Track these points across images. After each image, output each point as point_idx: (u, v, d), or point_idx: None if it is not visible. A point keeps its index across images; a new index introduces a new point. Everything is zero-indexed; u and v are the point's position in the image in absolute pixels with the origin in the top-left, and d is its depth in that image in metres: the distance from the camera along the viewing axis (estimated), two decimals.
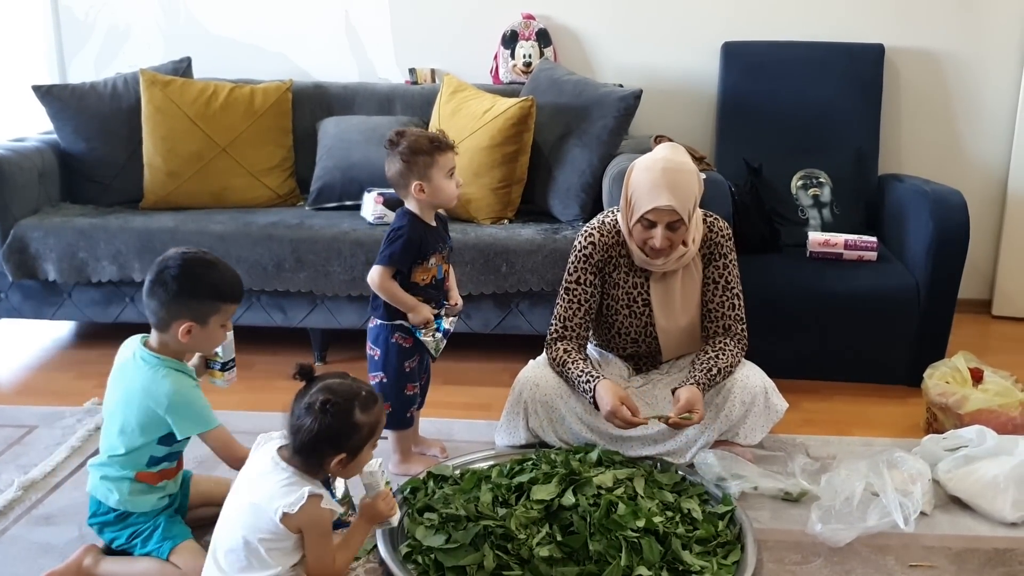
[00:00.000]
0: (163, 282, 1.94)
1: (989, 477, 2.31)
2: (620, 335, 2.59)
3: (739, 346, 2.50)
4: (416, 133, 2.34)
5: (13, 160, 3.29)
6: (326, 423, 1.72)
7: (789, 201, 3.51)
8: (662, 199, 2.31)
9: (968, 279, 3.30)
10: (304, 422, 1.73)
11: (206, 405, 2.00)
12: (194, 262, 1.97)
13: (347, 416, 1.75)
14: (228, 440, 2.02)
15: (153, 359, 1.98)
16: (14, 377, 3.26)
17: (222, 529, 1.79)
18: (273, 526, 1.72)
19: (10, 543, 2.14)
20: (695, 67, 3.86)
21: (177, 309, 1.94)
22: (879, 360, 3.14)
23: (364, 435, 1.78)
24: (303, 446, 1.75)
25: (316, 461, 1.77)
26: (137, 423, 1.97)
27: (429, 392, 2.58)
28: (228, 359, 2.15)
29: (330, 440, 1.74)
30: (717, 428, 2.47)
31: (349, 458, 1.77)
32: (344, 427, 1.75)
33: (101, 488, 2.02)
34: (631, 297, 2.53)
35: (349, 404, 1.76)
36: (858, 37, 3.74)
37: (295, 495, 1.72)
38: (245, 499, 1.78)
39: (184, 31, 4.00)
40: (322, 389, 1.76)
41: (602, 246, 2.50)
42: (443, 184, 2.32)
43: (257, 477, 1.79)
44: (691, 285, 2.52)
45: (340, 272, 3.13)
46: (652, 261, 2.44)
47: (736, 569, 2.00)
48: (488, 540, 1.98)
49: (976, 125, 3.85)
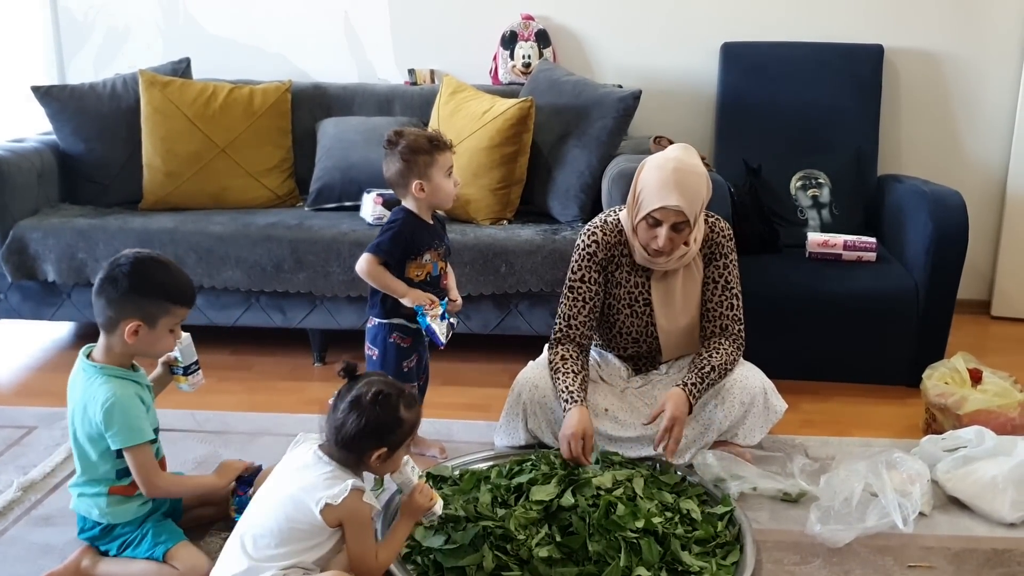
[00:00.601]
0: (113, 279, 1.92)
1: (988, 478, 2.31)
2: (621, 335, 2.59)
3: (735, 346, 2.50)
4: (415, 133, 2.35)
5: (12, 161, 3.29)
6: (374, 415, 1.77)
7: (788, 202, 3.51)
8: (671, 199, 2.30)
9: (967, 280, 3.29)
10: (351, 415, 1.78)
11: (140, 417, 1.95)
12: (146, 261, 1.96)
13: (394, 410, 1.80)
14: (149, 463, 1.97)
15: (92, 368, 1.96)
16: (13, 378, 3.26)
17: (255, 516, 1.81)
18: (312, 517, 1.75)
19: (9, 544, 2.14)
20: (694, 68, 3.86)
21: (126, 307, 1.93)
22: (878, 361, 3.14)
23: (405, 431, 1.83)
24: (348, 438, 1.78)
25: (357, 456, 1.81)
26: (86, 437, 1.96)
27: (429, 393, 2.58)
28: (189, 363, 2.13)
29: (375, 433, 1.78)
30: (716, 429, 2.47)
31: (388, 453, 1.81)
32: (390, 421, 1.80)
33: (82, 505, 2.02)
34: (632, 296, 2.53)
35: (396, 399, 1.81)
36: (857, 38, 3.74)
37: (338, 487, 1.75)
38: (284, 490, 1.80)
39: (183, 32, 4.00)
40: (370, 383, 1.82)
41: (605, 244, 2.50)
42: (442, 183, 2.33)
43: (298, 470, 1.82)
44: (692, 285, 2.52)
45: (339, 273, 3.13)
46: (653, 260, 2.44)
47: (735, 570, 2.00)
48: (487, 541, 1.98)
49: (975, 126, 3.85)
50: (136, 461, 1.95)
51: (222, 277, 3.17)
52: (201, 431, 2.70)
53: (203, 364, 2.19)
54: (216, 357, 3.19)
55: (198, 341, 2.15)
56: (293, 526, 1.76)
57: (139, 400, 1.98)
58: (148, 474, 1.97)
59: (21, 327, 3.61)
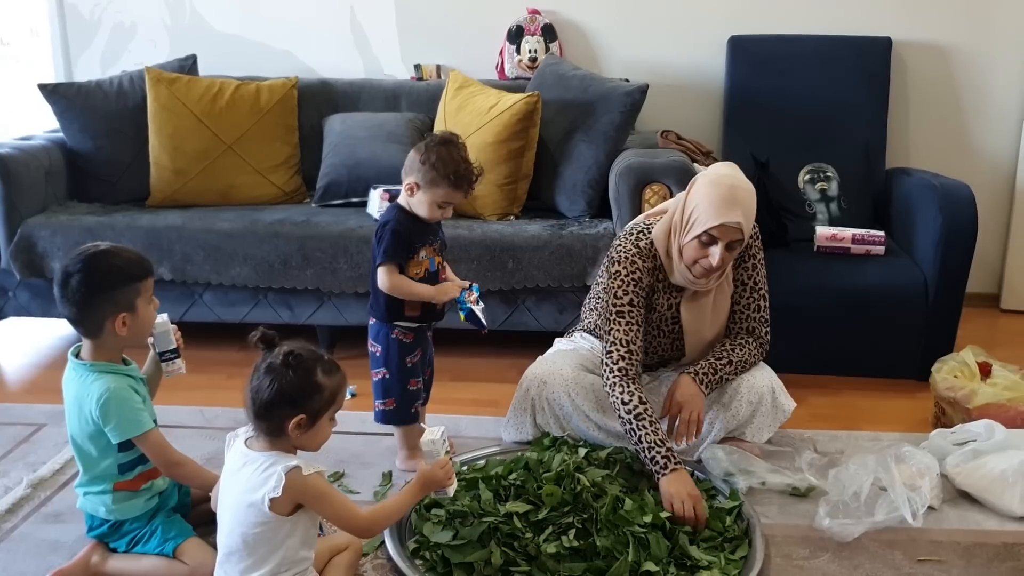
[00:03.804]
0: (72, 292, 1.91)
1: (997, 471, 2.30)
2: (646, 352, 2.51)
3: (760, 348, 2.48)
4: (459, 157, 2.28)
5: (20, 159, 3.29)
6: (287, 378, 1.69)
7: (796, 196, 3.50)
8: (731, 216, 2.22)
9: (976, 273, 3.28)
10: (264, 380, 1.70)
11: (139, 408, 1.95)
12: (92, 258, 1.94)
13: (309, 374, 1.71)
14: (162, 444, 1.98)
15: (82, 367, 1.97)
16: (23, 375, 3.27)
17: (222, 535, 1.77)
18: (265, 516, 1.69)
19: (19, 541, 2.15)
20: (702, 61, 3.85)
21: (103, 308, 1.92)
22: (887, 355, 3.13)
23: (325, 399, 1.73)
24: (264, 407, 1.69)
25: (276, 425, 1.71)
26: (85, 435, 1.96)
27: (436, 388, 2.57)
28: (164, 350, 2.10)
29: (291, 398, 1.69)
30: (724, 427, 2.46)
31: (308, 422, 1.72)
32: (305, 385, 1.71)
33: (88, 504, 2.02)
34: (663, 319, 2.48)
35: (311, 363, 1.73)
36: (865, 30, 3.72)
37: (273, 478, 1.68)
38: (231, 500, 1.75)
39: (189, 28, 4.01)
40: (283, 347, 1.74)
41: (646, 271, 2.39)
42: (431, 206, 2.29)
43: (235, 474, 1.76)
44: (722, 300, 2.47)
45: (347, 269, 3.13)
46: (697, 280, 2.36)
47: (743, 564, 2.00)
48: (495, 536, 1.98)
49: (984, 118, 3.83)
50: (148, 448, 1.96)
51: (230, 274, 3.18)
52: (210, 427, 2.70)
53: (212, 361, 2.19)
54: (224, 354, 3.19)
55: (207, 338, 2.15)
56: (254, 530, 1.71)
57: (134, 392, 1.97)
58: (164, 454, 1.97)
59: (30, 325, 3.62)
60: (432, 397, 2.56)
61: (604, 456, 2.34)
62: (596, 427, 2.48)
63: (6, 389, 3.16)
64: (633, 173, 3.03)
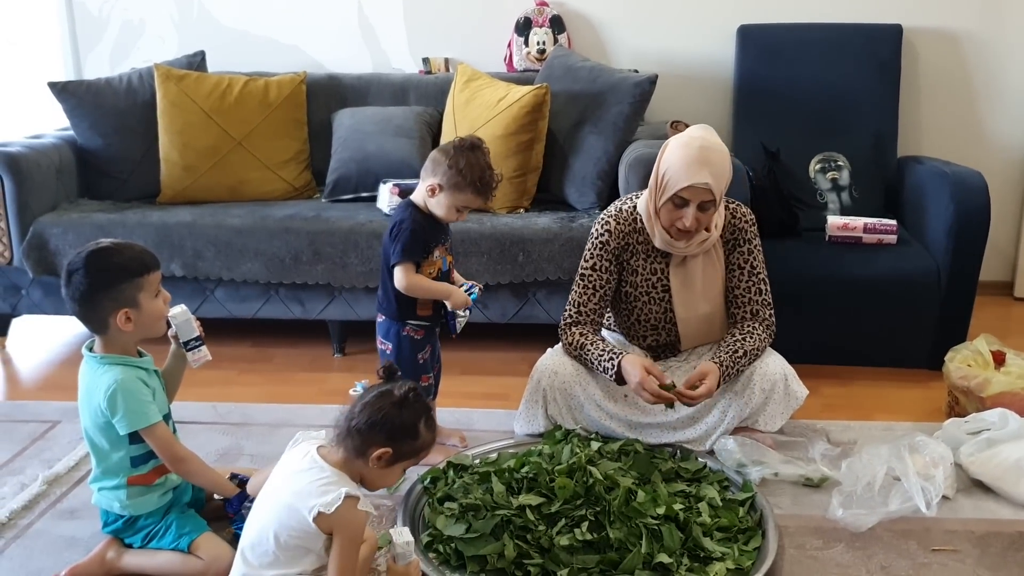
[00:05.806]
0: (74, 290, 1.92)
1: (1012, 460, 2.29)
2: (640, 322, 2.58)
3: (767, 330, 2.49)
4: (485, 164, 2.31)
5: (31, 157, 3.31)
6: (397, 412, 1.73)
7: (807, 185, 3.49)
8: (700, 176, 2.28)
9: (989, 261, 3.27)
10: (374, 403, 1.74)
11: (147, 400, 1.96)
12: (94, 255, 1.94)
13: (416, 418, 1.76)
14: (168, 438, 1.98)
15: (94, 359, 1.98)
16: (37, 373, 3.29)
17: (253, 526, 1.78)
18: (305, 524, 1.70)
19: (35, 537, 2.16)
20: (711, 51, 3.84)
21: (105, 305, 1.92)
22: (900, 344, 3.12)
23: (415, 447, 1.78)
24: (361, 425, 1.73)
25: (361, 446, 1.74)
26: (96, 427, 1.97)
27: (447, 382, 2.58)
28: (188, 339, 2.10)
29: (391, 430, 1.73)
30: (737, 415, 2.46)
31: (391, 459, 1.75)
32: (409, 425, 1.75)
33: (103, 499, 2.03)
34: (650, 283, 2.52)
35: (423, 411, 1.78)
36: (875, 18, 3.70)
37: (332, 495, 1.69)
38: (279, 497, 1.76)
39: (198, 25, 4.01)
40: (406, 383, 1.79)
41: (618, 233, 2.49)
42: (450, 209, 2.32)
43: (293, 474, 1.76)
44: (712, 272, 2.51)
45: (357, 264, 3.14)
46: (675, 243, 2.42)
47: (757, 555, 1.99)
48: (508, 529, 1.98)
49: (996, 105, 3.81)
50: (153, 440, 1.96)
51: (241, 270, 3.19)
52: (223, 423, 2.72)
53: (224, 356, 2.19)
54: (236, 349, 3.20)
55: (219, 334, 2.16)
56: (289, 534, 1.72)
57: (143, 384, 1.97)
58: (169, 448, 1.98)
59: (43, 322, 3.64)
60: (443, 391, 2.57)
61: (616, 448, 2.34)
62: (608, 416, 2.48)
63: (21, 386, 3.18)
64: (643, 164, 3.02)
